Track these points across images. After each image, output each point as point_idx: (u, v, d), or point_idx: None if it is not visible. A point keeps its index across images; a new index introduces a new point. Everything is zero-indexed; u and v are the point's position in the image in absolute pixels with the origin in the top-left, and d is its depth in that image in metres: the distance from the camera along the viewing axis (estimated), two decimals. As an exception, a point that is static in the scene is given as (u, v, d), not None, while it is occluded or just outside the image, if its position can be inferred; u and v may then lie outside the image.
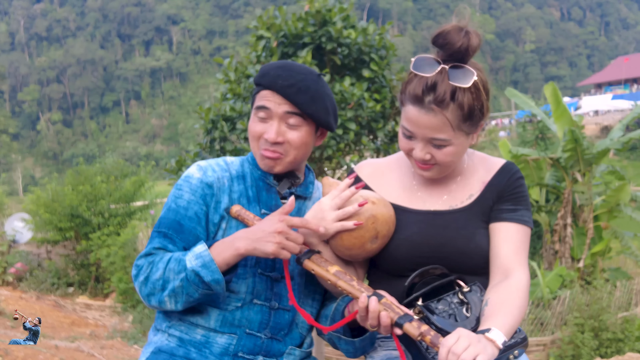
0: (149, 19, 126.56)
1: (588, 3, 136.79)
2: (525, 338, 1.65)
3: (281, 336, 1.89)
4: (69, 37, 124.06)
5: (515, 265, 1.73)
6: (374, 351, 1.90)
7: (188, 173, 1.92)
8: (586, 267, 10.32)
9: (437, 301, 1.66)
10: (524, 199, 1.83)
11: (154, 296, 1.79)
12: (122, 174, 16.66)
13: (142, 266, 1.81)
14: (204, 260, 1.72)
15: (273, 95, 1.86)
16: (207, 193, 1.88)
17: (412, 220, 1.82)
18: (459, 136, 1.71)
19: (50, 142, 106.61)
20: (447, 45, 1.68)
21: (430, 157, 1.73)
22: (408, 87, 1.71)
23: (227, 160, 2.00)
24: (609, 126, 36.75)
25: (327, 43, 7.16)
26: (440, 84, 1.66)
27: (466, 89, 1.67)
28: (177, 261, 1.75)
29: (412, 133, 1.73)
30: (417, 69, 1.71)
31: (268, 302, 1.87)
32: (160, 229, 1.87)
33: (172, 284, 1.75)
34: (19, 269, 16.71)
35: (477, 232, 1.79)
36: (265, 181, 1.95)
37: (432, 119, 1.67)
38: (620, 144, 10.09)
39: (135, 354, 8.63)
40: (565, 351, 7.59)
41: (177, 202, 1.88)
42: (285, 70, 1.88)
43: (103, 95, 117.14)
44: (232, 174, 1.94)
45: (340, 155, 7.35)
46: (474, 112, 1.70)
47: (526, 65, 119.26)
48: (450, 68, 1.67)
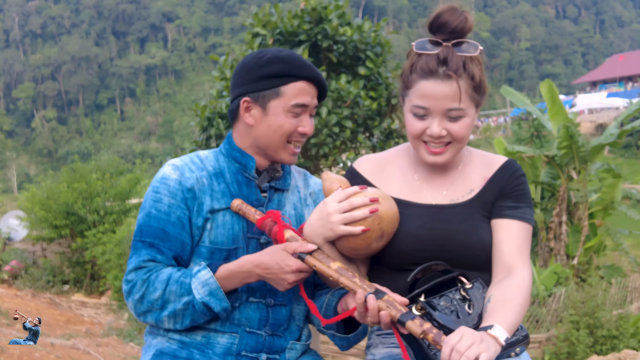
0: (143, 16, 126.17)
1: (583, 1, 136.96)
2: (527, 336, 1.65)
3: (281, 332, 1.90)
4: (63, 34, 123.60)
5: (518, 262, 1.74)
6: (376, 348, 1.90)
7: (164, 174, 1.85)
8: (581, 264, 10.34)
9: (439, 297, 1.65)
10: (525, 196, 1.85)
11: (150, 314, 1.77)
12: (117, 172, 16.63)
13: (134, 282, 1.77)
14: (210, 288, 1.72)
15: (311, 87, 1.87)
16: (187, 197, 1.82)
17: (415, 214, 1.82)
18: (471, 107, 1.75)
19: (45, 139, 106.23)
20: (445, 25, 1.73)
21: (446, 133, 1.74)
22: (417, 65, 1.74)
23: (200, 155, 1.94)
24: (603, 124, 36.80)
25: (323, 40, 7.16)
26: (451, 57, 1.70)
27: (474, 59, 1.73)
28: (179, 284, 1.73)
29: (427, 108, 1.73)
30: (422, 49, 1.74)
31: (264, 299, 1.87)
32: (144, 238, 1.81)
33: (172, 305, 1.74)
34: (14, 266, 16.67)
35: (479, 226, 1.80)
36: (244, 175, 1.92)
37: (449, 88, 1.69)
38: (613, 137, 10.12)
39: (131, 351, 8.61)
40: (560, 348, 7.60)
41: (157, 207, 1.82)
42: (307, 60, 1.90)
43: (98, 93, 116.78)
44: (210, 171, 1.89)
45: (337, 152, 7.36)
46: (482, 83, 1.75)
47: (521, 63, 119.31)
48: (453, 45, 1.72)
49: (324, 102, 6.87)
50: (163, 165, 1.91)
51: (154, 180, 1.87)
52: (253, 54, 1.90)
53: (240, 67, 1.89)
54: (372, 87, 7.27)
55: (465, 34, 1.74)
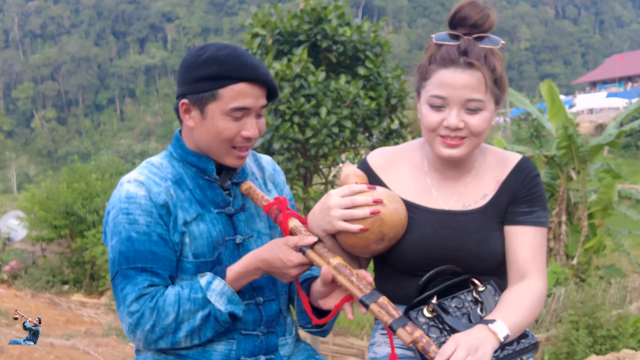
0: (143, 17, 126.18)
1: (583, 1, 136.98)
2: (537, 344, 1.63)
3: (274, 327, 1.88)
4: (63, 34, 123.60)
5: (532, 271, 1.72)
6: (379, 346, 1.88)
7: (129, 193, 1.71)
8: (580, 264, 10.35)
9: (450, 299, 1.64)
10: (540, 198, 1.79)
11: (162, 340, 1.70)
12: (117, 172, 16.65)
13: (142, 313, 1.68)
14: (227, 296, 1.70)
15: (254, 88, 1.73)
16: (162, 213, 1.72)
17: (424, 220, 1.77)
18: (491, 101, 1.70)
19: (44, 139, 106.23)
20: (465, 19, 1.69)
21: (463, 125, 1.68)
22: (438, 54, 1.70)
23: (154, 164, 1.81)
24: (603, 124, 36.81)
25: (323, 41, 7.16)
26: (473, 47, 1.67)
27: (495, 52, 1.70)
28: (192, 301, 1.68)
29: (446, 99, 1.67)
30: (442, 40, 1.71)
31: (252, 299, 1.84)
32: (135, 265, 1.69)
33: (188, 324, 1.69)
34: (14, 266, 16.68)
35: (492, 236, 1.76)
36: (204, 178, 1.82)
37: (470, 77, 1.65)
38: (612, 137, 10.12)
39: (130, 351, 8.62)
40: (560, 348, 7.61)
41: (135, 229, 1.69)
42: (251, 57, 1.75)
43: (97, 93, 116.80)
44: (172, 180, 1.78)
45: (336, 152, 7.36)
46: (502, 77, 1.71)
47: (521, 64, 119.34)
48: (475, 38, 1.69)
49: (324, 102, 6.88)
50: (120, 184, 1.75)
51: (116, 202, 1.72)
52: (193, 50, 1.76)
53: (181, 65, 1.77)
54: (371, 87, 7.27)
55: (486, 29, 1.71)
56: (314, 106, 7.04)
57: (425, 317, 1.63)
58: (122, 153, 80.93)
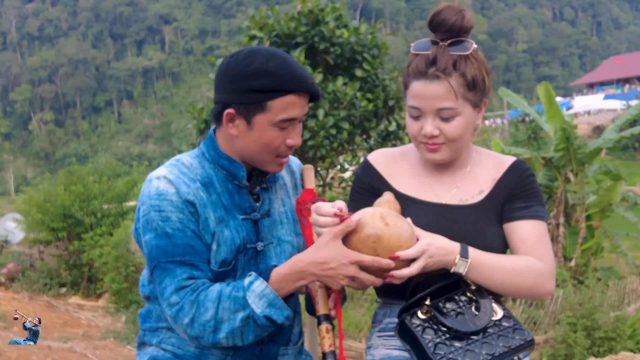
0: (141, 19, 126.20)
1: (580, 3, 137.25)
2: (532, 341, 1.64)
3: (276, 337, 1.84)
4: (61, 36, 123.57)
5: (535, 257, 1.75)
6: (376, 349, 1.88)
7: (159, 190, 1.69)
8: (578, 266, 10.35)
9: (445, 300, 1.65)
10: (535, 194, 1.84)
11: (203, 339, 1.65)
12: (114, 174, 16.63)
13: (181, 305, 1.64)
14: (268, 299, 1.63)
15: (301, 99, 1.72)
16: (192, 211, 1.69)
17: (422, 212, 1.81)
18: (465, 106, 1.74)
19: (42, 142, 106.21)
20: (442, 22, 1.74)
21: (438, 132, 1.74)
22: (411, 67, 1.76)
23: (184, 163, 1.78)
24: (600, 126, 36.88)
25: (320, 43, 7.16)
26: (441, 57, 1.71)
27: (467, 58, 1.73)
28: (232, 299, 1.63)
29: (419, 109, 1.74)
30: (418, 50, 1.76)
31: None
32: (173, 259, 1.66)
33: (228, 324, 1.63)
34: (11, 269, 16.65)
35: (488, 230, 1.79)
36: (233, 183, 1.80)
37: (437, 87, 1.70)
38: (612, 142, 10.13)
39: (128, 354, 8.60)
40: (558, 350, 7.61)
41: (170, 225, 1.66)
42: (299, 68, 1.72)
43: (95, 95, 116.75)
44: (200, 182, 1.75)
45: (334, 155, 7.35)
46: (477, 82, 1.74)
47: (518, 65, 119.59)
48: (449, 44, 1.73)
49: (321, 104, 6.87)
50: (149, 180, 1.73)
51: (146, 198, 1.70)
52: (239, 58, 1.70)
53: (225, 72, 1.72)
54: (369, 89, 7.27)
55: (463, 33, 1.75)
56: (311, 108, 7.05)
57: (420, 319, 1.64)
58: (119, 155, 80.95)
